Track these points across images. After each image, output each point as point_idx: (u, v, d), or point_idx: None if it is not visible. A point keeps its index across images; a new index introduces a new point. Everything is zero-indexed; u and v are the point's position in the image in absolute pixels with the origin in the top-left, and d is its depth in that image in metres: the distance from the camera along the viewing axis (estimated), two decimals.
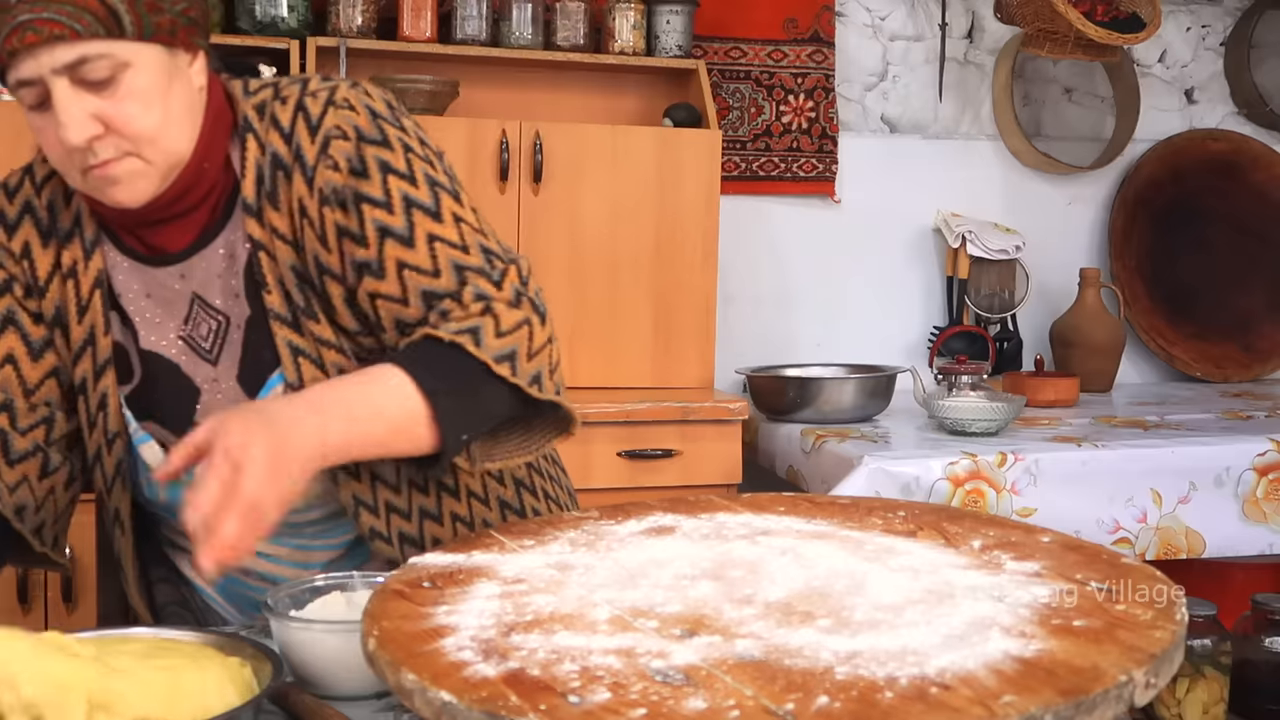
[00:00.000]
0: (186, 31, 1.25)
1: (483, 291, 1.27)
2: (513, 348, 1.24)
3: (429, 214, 1.29)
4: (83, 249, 1.35)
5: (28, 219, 1.37)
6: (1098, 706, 0.81)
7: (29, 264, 1.36)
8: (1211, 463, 2.64)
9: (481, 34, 2.91)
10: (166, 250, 1.34)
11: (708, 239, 2.91)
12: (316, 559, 1.43)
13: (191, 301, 1.35)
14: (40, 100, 1.21)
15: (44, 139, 1.24)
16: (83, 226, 1.35)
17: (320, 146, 1.29)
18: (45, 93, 1.20)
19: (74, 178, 1.26)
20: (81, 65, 1.18)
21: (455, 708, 0.83)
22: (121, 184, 1.24)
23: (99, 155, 1.22)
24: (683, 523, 1.24)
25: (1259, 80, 3.71)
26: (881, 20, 3.46)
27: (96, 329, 1.34)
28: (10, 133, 2.54)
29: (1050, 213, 3.61)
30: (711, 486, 2.72)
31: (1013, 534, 1.19)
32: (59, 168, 1.27)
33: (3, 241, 1.37)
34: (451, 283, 1.27)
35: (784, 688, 0.83)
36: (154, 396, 1.36)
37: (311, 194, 1.29)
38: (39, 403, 1.36)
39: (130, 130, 1.22)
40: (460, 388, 1.21)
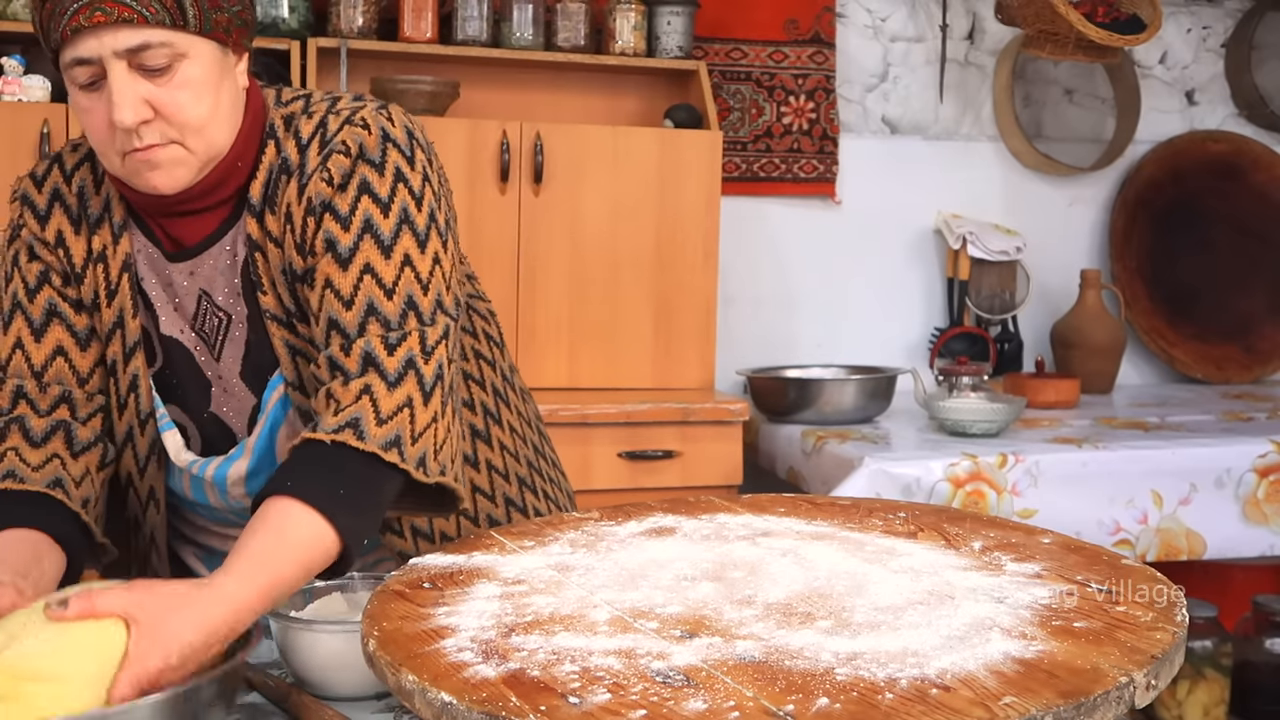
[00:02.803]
0: (239, 32, 1.29)
1: (372, 354, 1.25)
2: (396, 433, 1.23)
3: (379, 245, 1.28)
4: (111, 233, 1.37)
5: (58, 206, 1.39)
6: (1098, 708, 0.81)
7: (64, 251, 1.38)
8: (1212, 464, 2.64)
9: (482, 35, 2.91)
10: (184, 243, 1.36)
11: (708, 240, 2.91)
12: None
13: (200, 298, 1.36)
14: (93, 79, 1.23)
15: (89, 119, 1.25)
16: (111, 211, 1.37)
17: (323, 158, 1.31)
18: (100, 73, 1.22)
19: (112, 160, 1.27)
20: (142, 51, 1.21)
21: (455, 709, 0.83)
22: (161, 170, 1.26)
23: (144, 139, 1.24)
24: (683, 524, 1.24)
25: (1260, 82, 3.70)
26: (882, 21, 3.46)
27: (125, 312, 1.36)
28: (10, 132, 2.54)
29: (1051, 214, 3.61)
30: (712, 488, 2.72)
31: (1013, 535, 1.19)
32: (99, 149, 1.28)
33: (36, 232, 1.39)
34: (354, 322, 1.26)
35: (784, 689, 0.83)
36: (174, 381, 1.38)
37: (300, 201, 1.31)
38: (94, 391, 1.38)
39: (179, 118, 1.24)
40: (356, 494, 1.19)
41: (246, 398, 1.37)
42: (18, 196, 1.41)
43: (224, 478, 1.37)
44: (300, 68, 2.73)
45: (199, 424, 1.39)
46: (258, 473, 1.37)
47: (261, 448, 1.36)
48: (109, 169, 1.30)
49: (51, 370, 1.35)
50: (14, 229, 1.40)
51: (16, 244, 1.39)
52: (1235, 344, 3.64)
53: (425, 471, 1.23)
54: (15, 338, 1.36)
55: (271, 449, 1.36)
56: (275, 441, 1.36)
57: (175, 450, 1.38)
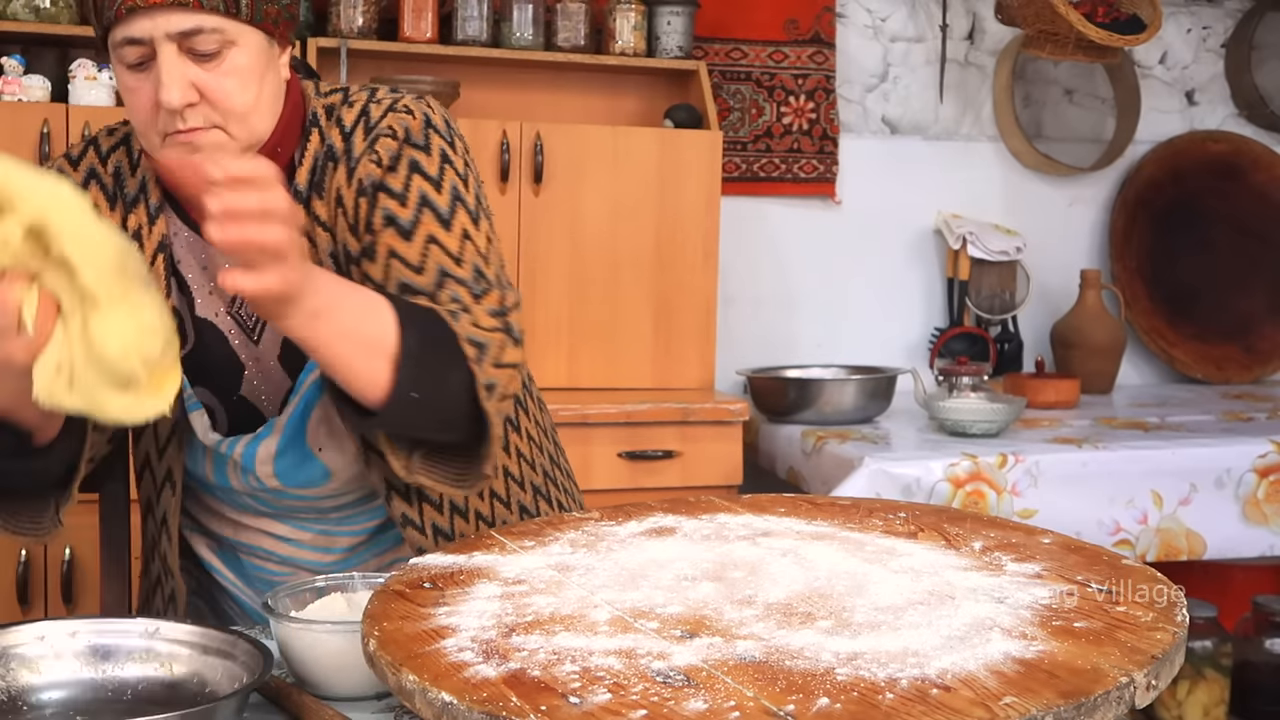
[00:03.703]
0: (286, 25, 1.32)
1: (459, 297, 1.29)
2: (484, 341, 1.26)
3: (439, 219, 1.32)
4: (147, 214, 1.38)
5: (94, 184, 1.40)
6: (1098, 708, 0.81)
7: None
8: (1212, 464, 2.64)
9: (482, 35, 2.91)
10: None
11: (708, 240, 2.91)
12: (340, 544, 1.45)
13: None
14: (141, 60, 1.25)
15: (134, 99, 1.27)
16: (148, 193, 1.38)
17: (369, 142, 1.35)
18: (150, 54, 1.25)
19: (153, 141, 1.29)
20: (194, 35, 1.24)
21: (456, 709, 0.83)
22: (202, 153, 1.28)
23: (188, 122, 1.26)
24: (683, 524, 1.24)
25: (1260, 82, 3.70)
26: (882, 21, 3.46)
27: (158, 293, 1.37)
28: (10, 133, 2.54)
29: (1051, 214, 3.61)
30: (712, 488, 2.72)
31: (1013, 535, 1.19)
32: (140, 129, 1.30)
33: None
34: (430, 283, 1.29)
35: (785, 689, 0.83)
36: (205, 363, 1.39)
37: (350, 184, 1.34)
38: None
39: (224, 104, 1.27)
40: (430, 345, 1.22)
41: (282, 381, 1.38)
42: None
43: (253, 456, 1.38)
44: None
45: (227, 406, 1.40)
46: (286, 452, 1.38)
47: (293, 427, 1.37)
48: (148, 150, 1.32)
49: None
50: None
51: None
52: (1235, 344, 3.64)
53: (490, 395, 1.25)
54: None
55: (302, 430, 1.37)
56: (307, 423, 1.37)
57: (203, 430, 1.39)
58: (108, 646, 1.11)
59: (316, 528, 1.45)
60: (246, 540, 1.47)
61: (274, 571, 1.46)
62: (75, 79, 2.61)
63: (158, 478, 1.43)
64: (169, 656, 1.11)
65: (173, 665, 1.10)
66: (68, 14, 2.66)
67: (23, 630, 1.11)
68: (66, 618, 1.10)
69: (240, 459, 1.38)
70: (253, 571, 1.47)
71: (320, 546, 1.45)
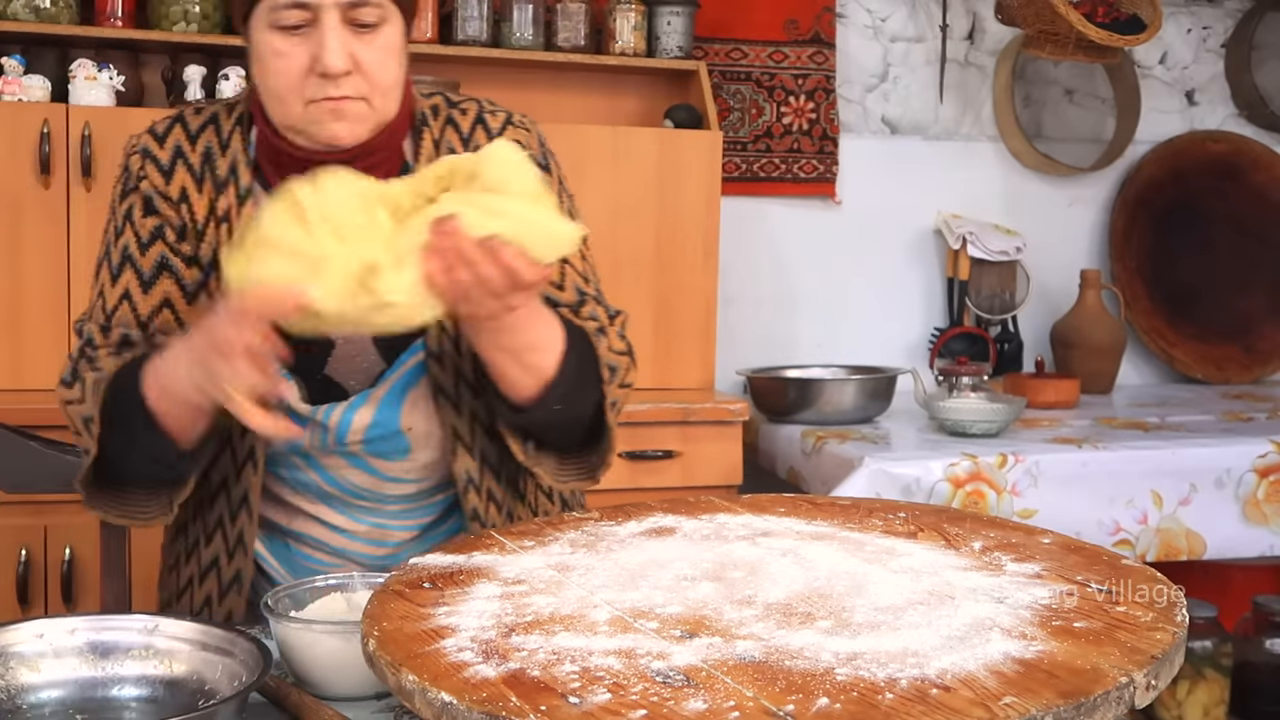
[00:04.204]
0: (414, 14, 1.39)
1: (597, 316, 1.43)
2: (616, 365, 1.41)
3: None
4: (237, 195, 1.41)
5: (181, 164, 1.42)
6: (1098, 708, 0.81)
7: (187, 207, 1.41)
8: (1212, 464, 2.63)
9: (482, 35, 2.91)
10: None
11: (708, 240, 2.91)
12: (392, 538, 1.47)
13: None
14: (300, 24, 1.29)
15: (281, 63, 1.31)
16: (238, 175, 1.41)
17: None
18: (311, 20, 1.29)
19: (293, 106, 1.33)
20: (358, 7, 1.30)
21: (455, 709, 0.83)
22: (346, 121, 1.33)
23: (340, 89, 1.31)
24: (683, 524, 1.24)
25: (1260, 82, 3.70)
26: (882, 21, 3.46)
27: None
28: (10, 132, 2.54)
29: (1051, 214, 3.61)
30: (712, 488, 2.72)
31: (1013, 535, 1.19)
32: (280, 94, 1.33)
33: (159, 185, 1.41)
34: (573, 300, 1.44)
35: (784, 689, 0.83)
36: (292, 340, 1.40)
37: None
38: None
39: (375, 77, 1.32)
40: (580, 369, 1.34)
41: (375, 362, 1.42)
42: (137, 150, 1.43)
43: (348, 424, 1.41)
44: None
45: (308, 384, 1.42)
46: (377, 424, 1.41)
47: (388, 403, 1.41)
48: (280, 117, 1.35)
49: (157, 322, 1.39)
50: (131, 180, 1.43)
51: (133, 197, 1.42)
52: (1235, 344, 3.64)
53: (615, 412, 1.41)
54: (124, 289, 1.40)
55: (398, 409, 1.41)
56: (403, 404, 1.41)
57: (295, 398, 1.41)
58: (107, 644, 1.11)
59: (371, 520, 1.47)
60: (299, 528, 1.48)
61: (323, 562, 1.47)
62: (75, 79, 2.61)
63: (239, 456, 1.43)
64: (168, 654, 1.11)
65: (172, 663, 1.10)
66: (68, 14, 2.66)
67: (22, 628, 1.11)
68: (65, 615, 1.10)
69: (335, 425, 1.41)
70: (301, 562, 1.48)
71: (374, 540, 1.47)
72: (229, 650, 1.08)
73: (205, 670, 1.08)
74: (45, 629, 1.11)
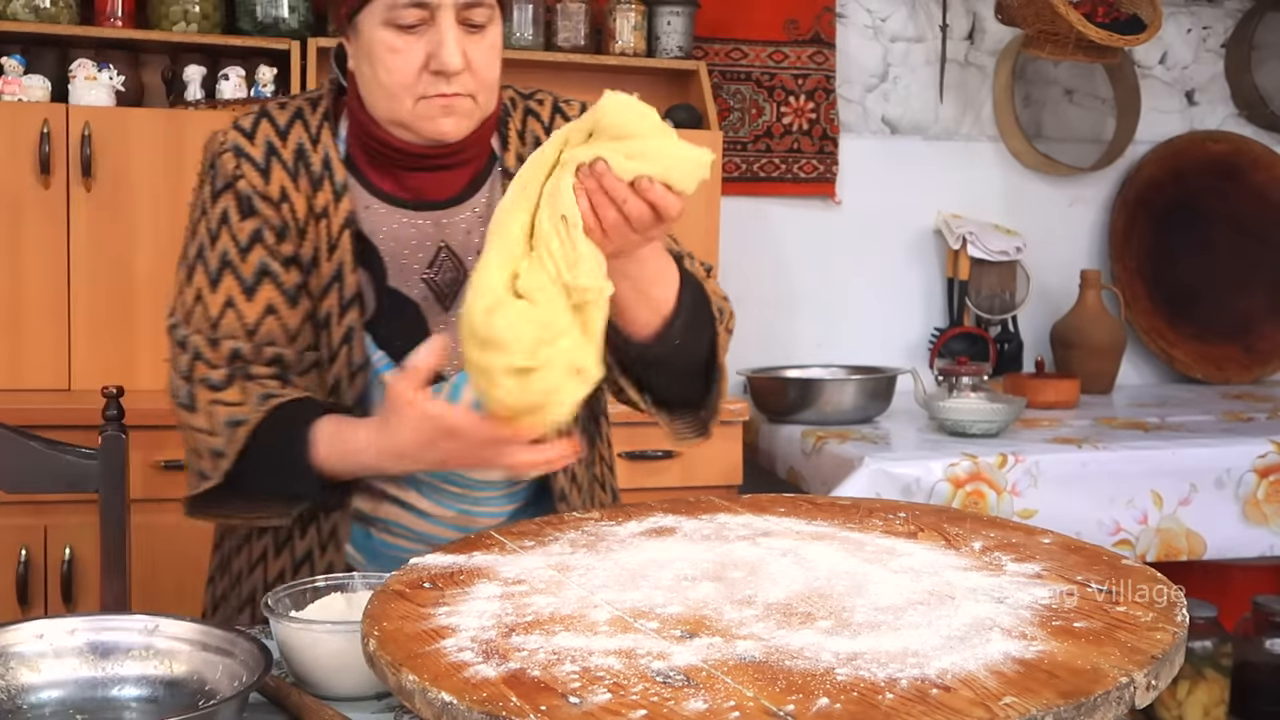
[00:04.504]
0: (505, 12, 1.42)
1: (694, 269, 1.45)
2: (723, 308, 1.46)
3: None
4: (332, 192, 1.42)
5: (275, 162, 1.43)
6: (1098, 708, 0.81)
7: (288, 207, 1.42)
8: (1212, 464, 2.63)
9: None
10: (426, 196, 1.44)
11: (708, 240, 2.91)
12: (477, 524, 1.48)
13: (439, 249, 1.44)
14: (417, 23, 1.33)
15: (396, 59, 1.34)
16: (332, 171, 1.43)
17: None
18: (428, 19, 1.33)
19: (403, 102, 1.36)
20: (473, 7, 1.34)
21: (456, 708, 0.83)
22: (454, 117, 1.37)
23: (451, 87, 1.35)
24: (683, 524, 1.24)
25: (1260, 82, 3.70)
26: (882, 21, 3.46)
27: (345, 266, 1.41)
28: (10, 132, 2.54)
29: (1051, 214, 3.61)
30: (712, 488, 2.72)
31: (1013, 535, 1.19)
32: (392, 89, 1.36)
33: (258, 185, 1.41)
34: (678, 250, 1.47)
35: (784, 689, 0.83)
36: (389, 332, 1.44)
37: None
38: (303, 348, 1.43)
39: (482, 74, 1.37)
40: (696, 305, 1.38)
41: None
42: (228, 148, 1.42)
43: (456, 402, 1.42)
44: (300, 68, 2.73)
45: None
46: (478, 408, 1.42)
47: None
48: (386, 112, 1.38)
49: (263, 330, 1.39)
50: (226, 179, 1.41)
51: (227, 197, 1.41)
52: (1235, 344, 3.64)
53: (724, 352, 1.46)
54: (226, 297, 1.39)
55: None
56: None
57: None
58: (107, 644, 1.11)
59: (459, 506, 1.48)
60: (384, 515, 1.49)
61: (404, 549, 1.47)
62: (75, 79, 2.61)
63: None
64: (168, 654, 1.10)
65: (172, 663, 1.10)
66: (68, 14, 2.66)
67: (22, 629, 1.10)
68: (65, 615, 1.10)
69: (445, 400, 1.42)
70: (382, 549, 1.49)
71: (458, 525, 1.48)
72: (229, 650, 1.08)
73: (205, 670, 1.08)
74: (45, 629, 1.11)
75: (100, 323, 2.60)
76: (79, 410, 2.38)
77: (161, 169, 2.61)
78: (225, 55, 2.80)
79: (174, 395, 1.40)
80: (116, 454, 1.62)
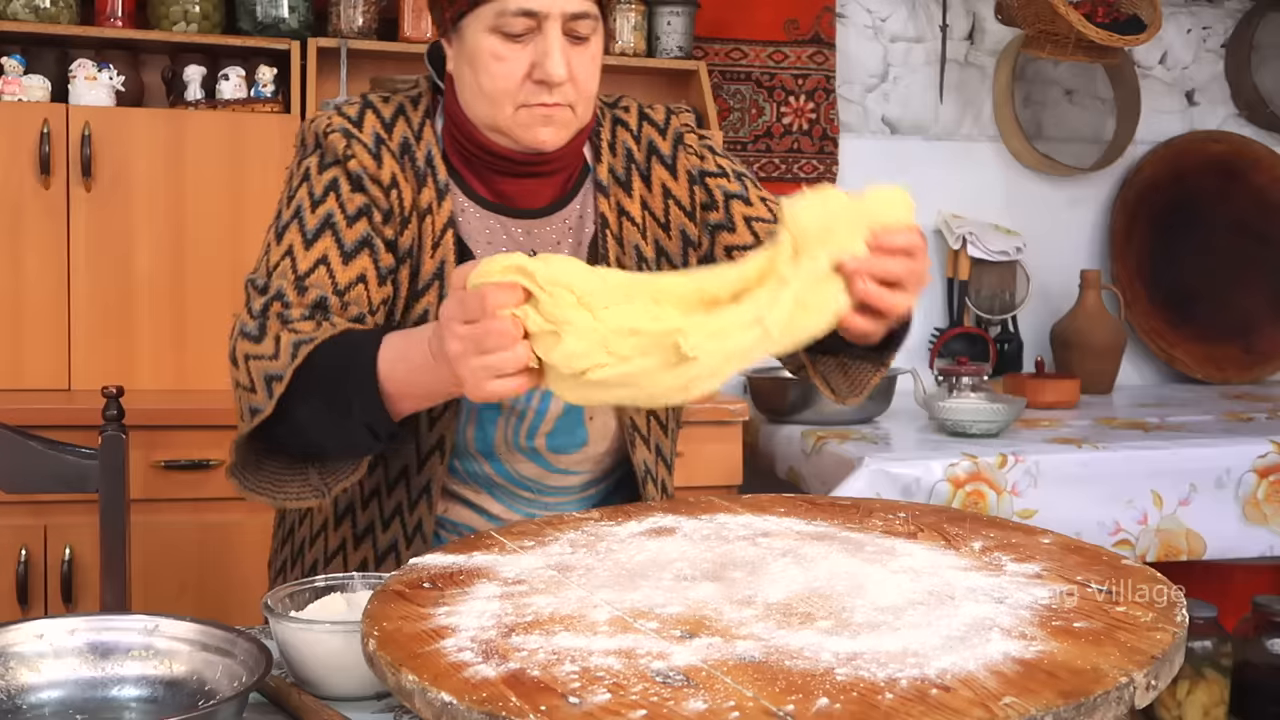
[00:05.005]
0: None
1: None
2: None
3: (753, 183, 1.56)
4: (436, 190, 1.42)
5: (385, 151, 1.42)
6: (1098, 708, 0.81)
7: (397, 194, 1.41)
8: (1212, 464, 2.63)
9: None
10: (516, 204, 1.45)
11: None
12: None
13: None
14: (524, 32, 1.33)
15: (502, 67, 1.35)
16: (435, 169, 1.43)
17: (674, 140, 1.53)
18: (534, 28, 1.33)
19: (504, 109, 1.37)
20: (580, 19, 1.35)
21: (455, 709, 0.83)
22: (555, 127, 1.38)
23: (553, 97, 1.35)
24: (683, 524, 1.24)
25: (1260, 82, 3.71)
26: (882, 22, 3.46)
27: (447, 264, 1.41)
28: (10, 132, 2.54)
29: (1051, 214, 3.61)
30: (712, 488, 2.72)
31: (1013, 535, 1.19)
32: (495, 97, 1.36)
33: (370, 169, 1.41)
34: None
35: (784, 689, 0.83)
36: None
37: (676, 178, 1.51)
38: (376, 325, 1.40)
39: (584, 85, 1.38)
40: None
41: None
42: (336, 129, 1.41)
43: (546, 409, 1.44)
44: (300, 68, 2.73)
45: None
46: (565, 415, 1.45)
47: None
48: (485, 117, 1.38)
49: (351, 294, 1.37)
50: (335, 156, 1.40)
51: (336, 170, 1.40)
52: (1235, 344, 3.64)
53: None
54: (321, 254, 1.36)
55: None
56: None
57: None
58: (107, 644, 1.11)
59: (529, 510, 1.49)
60: (454, 517, 1.49)
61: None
62: (75, 79, 2.61)
63: (424, 447, 1.44)
64: (168, 654, 1.10)
65: (172, 663, 1.10)
66: (68, 14, 2.66)
67: (21, 629, 1.10)
68: (65, 615, 1.09)
69: (534, 412, 1.43)
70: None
71: None
72: (229, 650, 1.08)
73: (205, 670, 1.08)
74: (45, 629, 1.11)
75: (100, 323, 2.60)
76: (79, 410, 2.38)
77: (161, 169, 2.61)
78: (225, 55, 2.80)
79: (240, 331, 1.33)
80: (116, 454, 1.62)
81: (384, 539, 1.47)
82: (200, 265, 2.64)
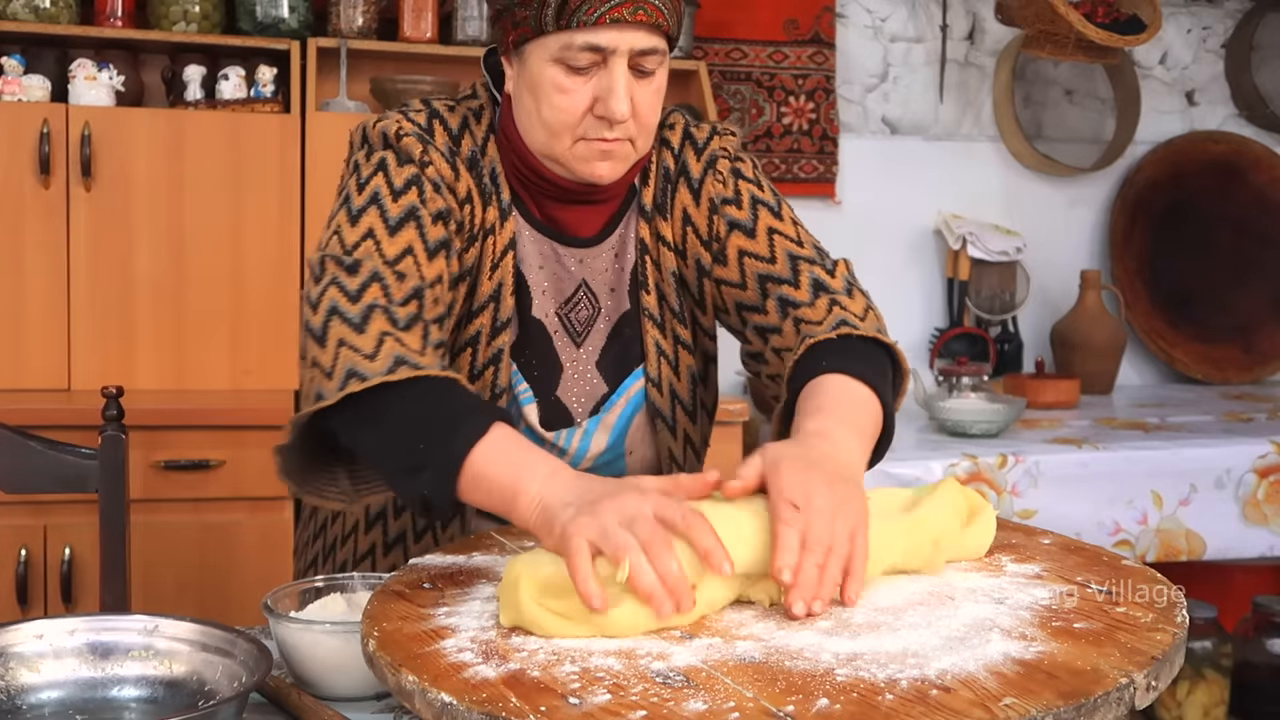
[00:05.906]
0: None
1: (819, 279, 1.38)
2: (878, 326, 1.38)
3: (771, 212, 1.44)
4: (499, 210, 1.40)
5: (460, 164, 1.39)
6: (1098, 709, 0.81)
7: (470, 209, 1.39)
8: (1212, 464, 2.64)
9: (482, 34, 2.91)
10: (567, 230, 1.42)
11: None
12: None
13: (579, 285, 1.43)
14: (589, 65, 1.29)
15: (565, 99, 1.30)
16: (499, 189, 1.40)
17: (706, 164, 1.45)
18: (600, 62, 1.28)
19: (563, 141, 1.32)
20: (647, 55, 1.30)
21: (455, 709, 0.83)
22: (612, 161, 1.33)
23: (614, 133, 1.31)
24: None
25: (1260, 82, 3.70)
26: (882, 22, 3.46)
27: (504, 287, 1.39)
28: (10, 132, 2.54)
29: (1051, 214, 3.61)
30: None
31: (1013, 536, 1.19)
32: (555, 128, 1.32)
33: (449, 179, 1.36)
34: (786, 270, 1.39)
35: (784, 689, 0.83)
36: (530, 362, 1.42)
37: (698, 204, 1.45)
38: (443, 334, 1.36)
39: (645, 119, 1.33)
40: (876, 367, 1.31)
41: (598, 385, 1.44)
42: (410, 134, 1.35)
43: (585, 450, 1.43)
44: (300, 68, 2.73)
45: (542, 405, 1.42)
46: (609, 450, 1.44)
47: (618, 429, 1.44)
48: (543, 147, 1.34)
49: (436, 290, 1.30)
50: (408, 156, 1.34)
51: (414, 168, 1.33)
52: (1235, 344, 3.64)
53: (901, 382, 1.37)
54: (407, 244, 1.28)
55: (624, 433, 1.44)
56: (628, 428, 1.44)
57: (536, 421, 1.41)
58: (107, 644, 1.11)
59: None
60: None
61: None
62: (75, 79, 2.61)
63: None
64: (168, 654, 1.10)
65: (172, 663, 1.10)
66: (68, 14, 2.66)
67: (22, 629, 1.10)
68: (65, 615, 1.09)
69: (575, 450, 1.42)
70: None
71: None
72: (229, 650, 1.08)
73: (205, 670, 1.08)
74: (45, 629, 1.11)
75: (100, 323, 2.60)
76: (79, 410, 2.38)
77: (161, 169, 2.61)
78: (225, 55, 2.80)
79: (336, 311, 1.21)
80: (116, 454, 1.62)
81: (415, 550, 1.46)
82: (200, 265, 2.63)
